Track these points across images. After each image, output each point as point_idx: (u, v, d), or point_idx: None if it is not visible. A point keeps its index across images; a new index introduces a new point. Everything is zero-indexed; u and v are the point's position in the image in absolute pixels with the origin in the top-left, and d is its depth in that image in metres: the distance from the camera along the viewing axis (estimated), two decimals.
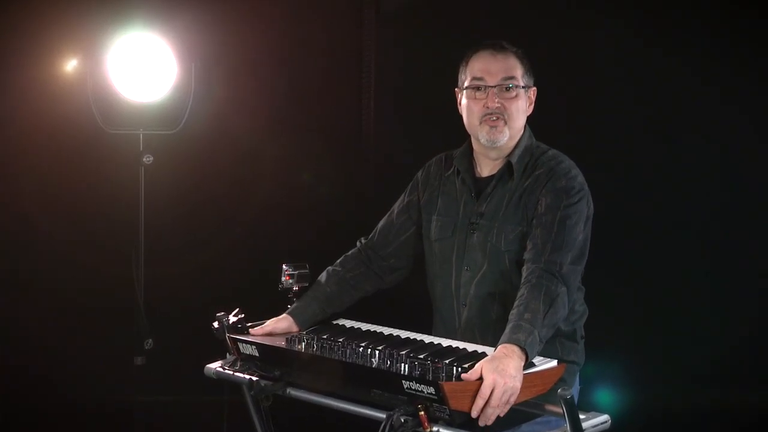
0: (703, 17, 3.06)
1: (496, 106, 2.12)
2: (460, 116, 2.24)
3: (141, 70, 3.29)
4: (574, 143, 2.35)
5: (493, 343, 1.89)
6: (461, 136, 2.28)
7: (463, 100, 2.20)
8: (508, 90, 2.13)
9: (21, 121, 3.54)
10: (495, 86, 2.13)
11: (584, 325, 2.23)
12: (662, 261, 3.09)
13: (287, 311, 2.20)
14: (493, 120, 2.13)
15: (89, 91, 3.29)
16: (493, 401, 1.71)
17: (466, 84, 2.18)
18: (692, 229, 3.07)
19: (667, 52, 3.09)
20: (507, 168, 2.17)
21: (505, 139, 2.14)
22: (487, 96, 2.13)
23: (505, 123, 2.13)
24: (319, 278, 2.27)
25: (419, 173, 2.36)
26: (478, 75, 2.15)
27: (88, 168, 3.56)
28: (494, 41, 2.18)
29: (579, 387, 2.22)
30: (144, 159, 3.33)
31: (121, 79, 3.29)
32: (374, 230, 2.36)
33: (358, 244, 2.36)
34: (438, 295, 2.25)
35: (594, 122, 3.19)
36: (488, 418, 1.73)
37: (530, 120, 2.23)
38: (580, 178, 2.13)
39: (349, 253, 2.34)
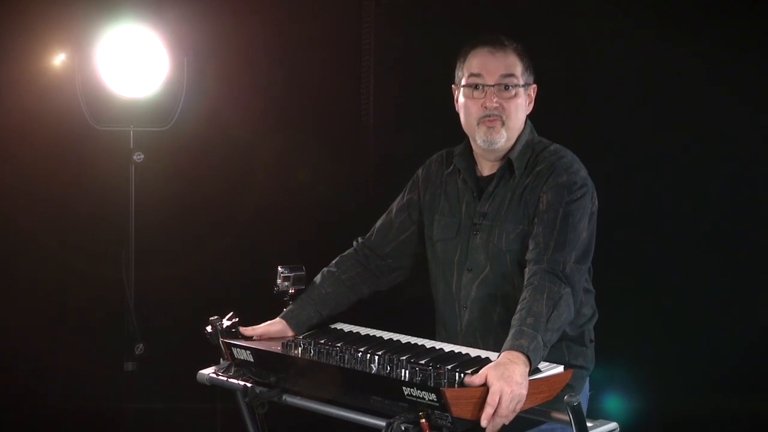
0: (711, 13, 3.02)
1: (495, 106, 2.08)
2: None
3: (131, 64, 3.26)
4: (581, 141, 2.34)
5: (495, 347, 1.87)
6: (463, 133, 2.22)
7: (460, 99, 2.17)
8: (507, 89, 2.09)
9: (6, 118, 3.51)
10: (493, 85, 2.09)
11: (593, 329, 2.18)
12: (674, 263, 3.10)
13: (280, 315, 2.16)
14: (491, 120, 2.09)
15: (78, 87, 3.27)
16: (501, 410, 1.68)
17: (463, 82, 2.14)
18: (705, 230, 3.08)
19: (674, 47, 3.08)
20: (507, 165, 2.14)
21: (503, 140, 2.11)
22: (485, 95, 2.09)
23: (503, 124, 2.10)
24: (314, 280, 2.24)
25: (420, 171, 2.32)
26: (476, 72, 2.11)
27: (77, 166, 3.53)
28: (493, 36, 2.13)
29: (588, 393, 2.19)
30: (134, 157, 3.30)
31: (110, 74, 3.26)
32: (372, 229, 2.32)
33: (354, 244, 2.33)
34: (440, 297, 2.22)
35: (604, 119, 3.19)
36: (495, 427, 1.69)
37: (533, 116, 2.19)
38: (583, 172, 2.09)
39: (346, 253, 2.30)
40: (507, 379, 1.69)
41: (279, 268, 2.16)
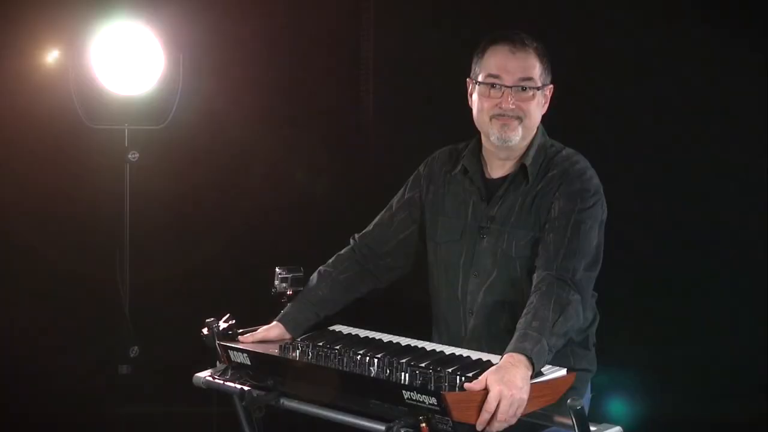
0: (712, 12, 3.01)
1: (511, 107, 2.06)
2: (465, 108, 2.18)
3: (126, 61, 3.27)
4: (581, 141, 2.31)
5: (501, 354, 1.85)
6: (464, 128, 2.21)
7: (475, 95, 2.13)
8: (524, 90, 2.07)
9: None
10: (511, 87, 2.06)
11: (596, 332, 2.17)
12: (678, 265, 3.09)
13: (277, 318, 2.14)
14: (506, 119, 2.07)
15: (71, 84, 3.27)
16: (500, 414, 1.67)
17: (480, 79, 2.10)
18: (705, 230, 3.05)
19: (674, 47, 3.07)
20: (521, 170, 2.11)
21: (518, 138, 2.08)
22: (501, 95, 2.07)
23: (520, 122, 2.07)
24: (309, 280, 2.21)
25: (421, 168, 2.28)
26: (494, 72, 2.07)
27: (70, 165, 3.51)
28: (514, 34, 2.10)
29: (590, 395, 2.17)
30: (129, 156, 3.31)
31: (105, 72, 3.27)
32: (369, 226, 2.29)
33: (351, 241, 2.29)
34: (443, 301, 2.19)
35: (604, 119, 3.17)
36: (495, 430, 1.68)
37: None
38: (596, 180, 2.08)
39: (342, 251, 2.27)
40: (507, 383, 1.67)
41: (277, 269, 2.14)
